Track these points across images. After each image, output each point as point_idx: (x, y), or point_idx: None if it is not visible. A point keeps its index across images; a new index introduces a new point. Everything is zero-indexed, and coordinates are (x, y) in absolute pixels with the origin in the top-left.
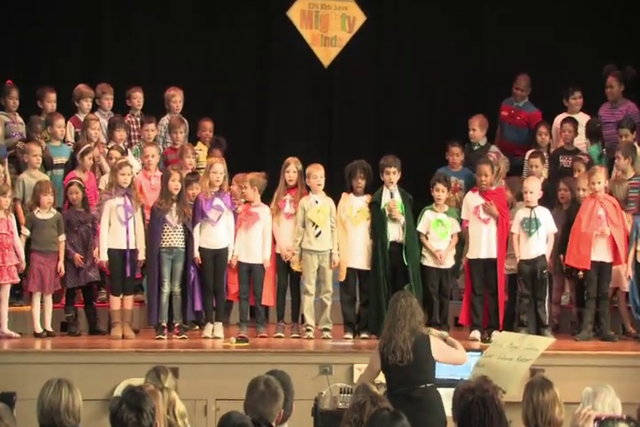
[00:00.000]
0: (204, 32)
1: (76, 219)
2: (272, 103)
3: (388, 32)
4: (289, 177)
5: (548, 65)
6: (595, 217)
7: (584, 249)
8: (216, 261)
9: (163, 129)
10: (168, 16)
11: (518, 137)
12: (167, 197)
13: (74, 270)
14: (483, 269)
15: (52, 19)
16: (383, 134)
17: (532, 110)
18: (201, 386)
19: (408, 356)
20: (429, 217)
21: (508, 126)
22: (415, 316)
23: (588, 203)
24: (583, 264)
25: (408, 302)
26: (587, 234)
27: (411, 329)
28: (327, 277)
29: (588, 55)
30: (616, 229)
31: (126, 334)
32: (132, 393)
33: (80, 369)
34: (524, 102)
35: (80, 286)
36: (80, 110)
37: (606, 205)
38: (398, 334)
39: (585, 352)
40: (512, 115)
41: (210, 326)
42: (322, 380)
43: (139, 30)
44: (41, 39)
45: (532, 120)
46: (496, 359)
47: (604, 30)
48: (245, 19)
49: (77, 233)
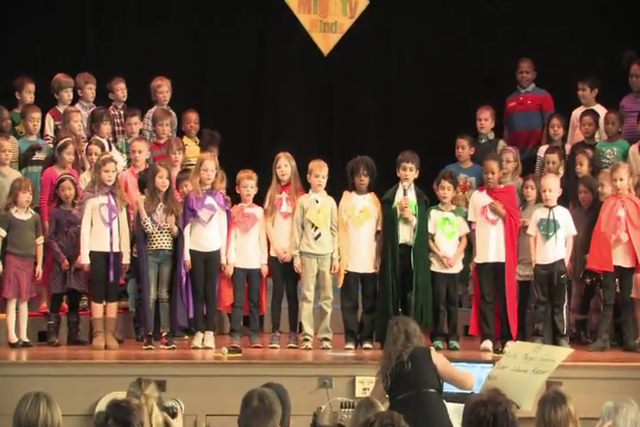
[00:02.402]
0: (195, 18)
1: (66, 219)
2: (267, 94)
3: (392, 17)
4: (281, 173)
5: (560, 53)
6: (614, 217)
7: (605, 251)
8: (207, 265)
9: (149, 122)
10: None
11: (529, 123)
12: (154, 195)
13: (62, 275)
14: (492, 273)
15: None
16: (388, 127)
17: (542, 93)
18: (190, 400)
19: (407, 364)
20: (435, 216)
21: (517, 115)
22: (411, 341)
23: (609, 201)
24: (605, 267)
25: (400, 329)
26: (606, 235)
27: (407, 348)
28: (327, 282)
29: (599, 46)
30: (636, 231)
31: (109, 344)
32: (118, 407)
33: (59, 382)
34: (532, 87)
35: (69, 290)
36: (60, 102)
37: (628, 205)
38: (394, 355)
39: (606, 364)
40: (521, 102)
41: (200, 335)
42: (321, 394)
43: (123, 15)
44: (21, 25)
45: (544, 103)
46: (510, 371)
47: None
48: (238, 4)
49: (67, 234)
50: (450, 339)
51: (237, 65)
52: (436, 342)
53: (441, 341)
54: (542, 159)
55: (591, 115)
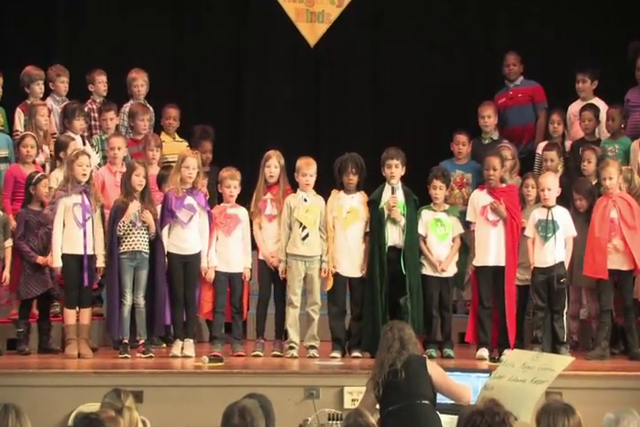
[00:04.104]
0: (173, 5)
1: (36, 220)
2: (250, 89)
3: (383, 5)
4: (269, 173)
5: (560, 46)
6: (607, 220)
7: (599, 256)
8: (187, 269)
9: (125, 117)
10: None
11: (522, 117)
12: (130, 194)
13: (33, 279)
14: (491, 278)
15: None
16: (378, 124)
17: (531, 84)
18: (168, 412)
19: (401, 373)
20: (426, 217)
21: (509, 111)
22: (406, 348)
23: (601, 203)
24: (599, 274)
25: (395, 336)
26: (600, 239)
27: (401, 355)
28: (315, 286)
29: (601, 38)
30: (631, 232)
31: (83, 352)
32: (86, 421)
33: (30, 393)
34: (521, 80)
35: (40, 294)
36: (31, 96)
37: (620, 204)
38: (387, 362)
39: (608, 373)
40: (511, 96)
41: (179, 343)
42: (307, 405)
43: (97, 5)
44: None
45: (535, 94)
46: (507, 381)
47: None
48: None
49: (37, 236)
50: (444, 347)
51: (218, 57)
52: (429, 350)
53: (434, 349)
54: (541, 157)
55: (591, 109)
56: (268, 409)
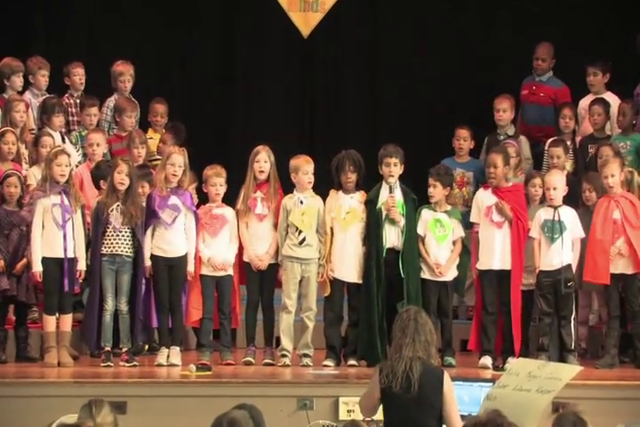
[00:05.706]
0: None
1: (7, 220)
2: (240, 82)
3: (383, 6)
4: (259, 168)
5: (571, 38)
6: (609, 222)
7: (601, 260)
8: (172, 273)
9: (109, 112)
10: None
11: (542, 118)
12: (111, 193)
13: None
14: (496, 282)
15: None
16: (376, 118)
17: (558, 85)
18: (153, 424)
19: (414, 387)
20: (426, 216)
21: (529, 106)
22: (420, 332)
23: (602, 204)
24: (601, 279)
25: (410, 316)
26: (602, 242)
27: (419, 355)
28: (311, 291)
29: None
30: (636, 232)
31: (63, 360)
32: None
33: (6, 404)
34: (548, 77)
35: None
36: (10, 88)
37: (623, 204)
38: (406, 348)
39: (617, 382)
40: (533, 91)
41: (164, 351)
42: (301, 416)
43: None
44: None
45: (559, 96)
46: (511, 391)
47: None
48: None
49: (8, 238)
50: (445, 355)
51: (206, 48)
52: None
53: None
54: (547, 153)
55: (600, 103)
56: (259, 421)
